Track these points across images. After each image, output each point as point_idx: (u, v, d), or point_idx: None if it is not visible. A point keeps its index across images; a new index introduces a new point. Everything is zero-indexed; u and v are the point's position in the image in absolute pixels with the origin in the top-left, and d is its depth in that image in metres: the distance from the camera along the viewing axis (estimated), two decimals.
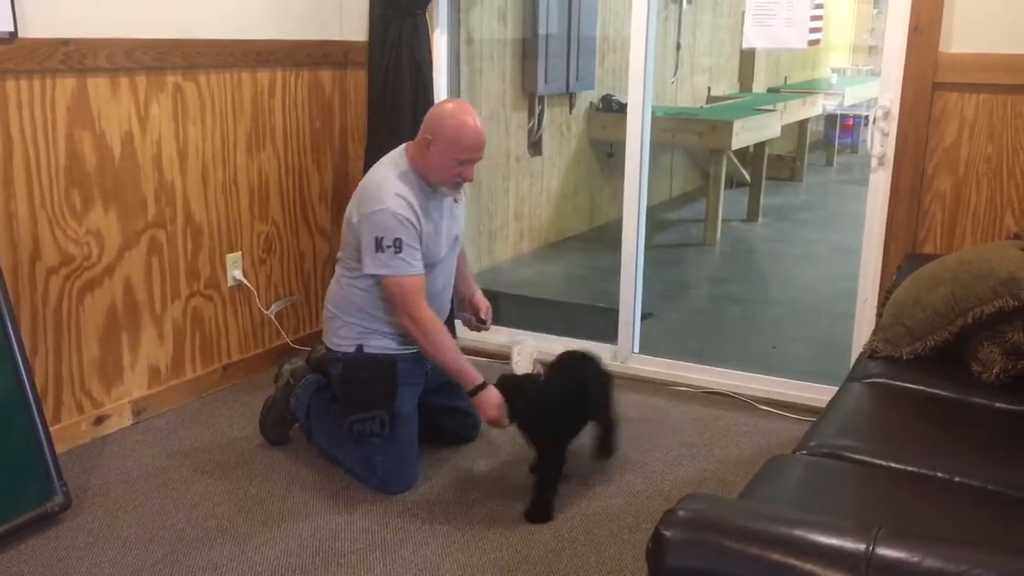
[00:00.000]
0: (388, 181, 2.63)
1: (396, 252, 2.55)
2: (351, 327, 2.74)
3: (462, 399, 2.72)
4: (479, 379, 2.60)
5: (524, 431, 2.65)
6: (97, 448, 2.93)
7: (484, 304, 2.94)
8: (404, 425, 2.71)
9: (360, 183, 2.73)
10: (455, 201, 2.82)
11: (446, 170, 2.62)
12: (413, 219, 2.59)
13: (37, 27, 2.66)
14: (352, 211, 2.68)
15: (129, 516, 2.55)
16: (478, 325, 2.92)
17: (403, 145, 2.74)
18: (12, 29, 2.59)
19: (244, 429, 3.07)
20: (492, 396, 2.58)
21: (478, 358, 3.64)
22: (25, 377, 2.46)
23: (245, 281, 3.47)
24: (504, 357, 3.65)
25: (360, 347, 2.72)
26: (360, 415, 2.67)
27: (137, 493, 2.67)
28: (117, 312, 3.02)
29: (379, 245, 2.55)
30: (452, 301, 2.98)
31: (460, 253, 2.98)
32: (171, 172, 3.13)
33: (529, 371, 2.77)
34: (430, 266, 2.71)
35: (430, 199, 2.68)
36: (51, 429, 2.57)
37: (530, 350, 3.04)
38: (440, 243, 2.75)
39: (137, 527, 2.49)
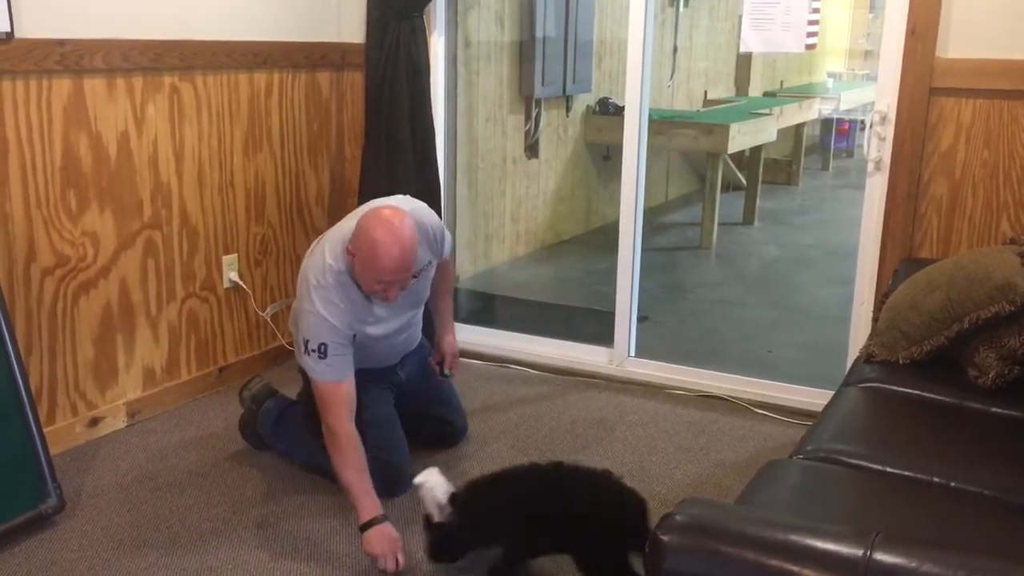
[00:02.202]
0: (322, 279, 2.48)
1: (320, 357, 2.45)
2: None
3: (441, 406, 2.67)
4: (372, 514, 2.34)
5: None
6: (91, 450, 2.92)
7: (451, 353, 2.80)
8: (382, 431, 2.65)
9: (305, 260, 2.60)
10: (414, 277, 2.58)
11: (369, 286, 2.48)
12: (343, 324, 2.48)
13: (34, 27, 2.66)
14: (298, 284, 2.58)
15: (123, 518, 2.54)
16: (441, 376, 2.79)
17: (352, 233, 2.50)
18: (8, 29, 2.58)
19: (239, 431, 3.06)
20: (379, 534, 2.31)
21: (475, 361, 3.64)
22: (20, 378, 2.45)
23: (241, 283, 3.46)
24: (502, 360, 3.65)
25: None
26: None
27: (131, 495, 2.66)
28: (112, 313, 3.01)
29: (306, 347, 2.47)
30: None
31: (443, 288, 2.90)
32: (167, 173, 3.13)
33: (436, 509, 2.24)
34: (381, 336, 2.64)
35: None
36: (45, 431, 2.56)
37: (435, 487, 2.28)
38: (392, 320, 2.66)
39: (131, 529, 2.49)
